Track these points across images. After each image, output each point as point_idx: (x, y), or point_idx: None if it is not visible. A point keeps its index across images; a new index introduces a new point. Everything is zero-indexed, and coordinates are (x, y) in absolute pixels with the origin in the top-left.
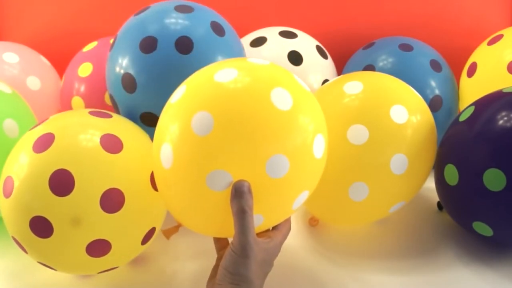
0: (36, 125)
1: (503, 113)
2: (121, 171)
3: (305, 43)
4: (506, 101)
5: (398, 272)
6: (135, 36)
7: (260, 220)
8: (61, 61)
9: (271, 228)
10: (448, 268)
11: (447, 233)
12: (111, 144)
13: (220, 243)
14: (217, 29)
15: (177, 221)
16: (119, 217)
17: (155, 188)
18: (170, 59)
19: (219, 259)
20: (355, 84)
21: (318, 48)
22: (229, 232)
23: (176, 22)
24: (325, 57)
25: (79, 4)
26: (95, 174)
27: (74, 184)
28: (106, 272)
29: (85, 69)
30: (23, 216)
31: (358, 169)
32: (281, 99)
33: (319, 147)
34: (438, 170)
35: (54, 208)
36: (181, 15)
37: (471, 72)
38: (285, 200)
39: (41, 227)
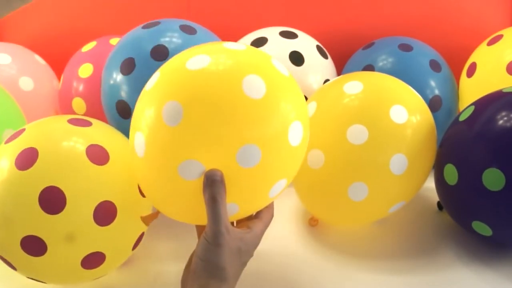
0: (12, 137)
1: (503, 113)
2: (111, 183)
3: (306, 43)
4: (506, 101)
5: (398, 272)
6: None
7: (235, 209)
8: (59, 61)
9: (253, 215)
10: (448, 268)
11: (447, 233)
12: (97, 155)
13: (201, 228)
14: (188, 29)
15: (156, 208)
16: (113, 228)
17: (143, 195)
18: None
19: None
20: (355, 84)
21: (318, 48)
22: (204, 219)
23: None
24: (325, 57)
25: (78, 4)
26: (86, 188)
27: (65, 200)
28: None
29: (85, 70)
30: (13, 236)
31: (358, 169)
32: (253, 86)
33: (295, 135)
34: (438, 169)
35: (47, 227)
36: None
37: (471, 72)
38: (259, 189)
39: (33, 246)
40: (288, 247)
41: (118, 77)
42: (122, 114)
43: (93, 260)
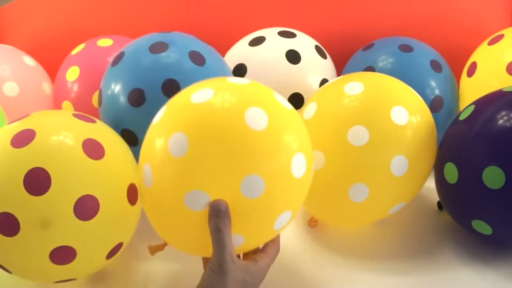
0: (15, 120)
1: (503, 112)
2: (100, 179)
3: (304, 43)
4: (506, 100)
5: (398, 272)
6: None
7: (240, 240)
8: (56, 65)
9: (260, 248)
10: (448, 268)
11: (447, 233)
12: (93, 149)
13: (207, 261)
14: (197, 58)
15: (163, 240)
16: (91, 225)
17: (131, 202)
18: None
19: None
20: (355, 85)
21: (317, 48)
22: (211, 250)
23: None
24: (324, 57)
25: (78, 3)
26: (73, 177)
27: (50, 184)
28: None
29: (72, 73)
30: None
31: (358, 170)
32: (255, 119)
33: (298, 167)
34: (438, 168)
35: (25, 207)
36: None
37: (471, 72)
38: (264, 220)
39: (7, 224)
40: (287, 247)
41: (126, 107)
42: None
43: (62, 255)
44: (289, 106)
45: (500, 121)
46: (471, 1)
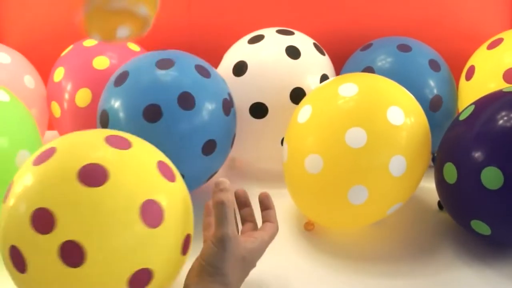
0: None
1: (503, 113)
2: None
3: (302, 40)
4: (506, 101)
5: (396, 275)
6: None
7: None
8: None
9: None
10: (447, 268)
11: (447, 233)
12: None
13: (207, 234)
14: (203, 71)
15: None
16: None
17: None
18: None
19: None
20: (349, 86)
21: (315, 45)
22: None
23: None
24: (322, 53)
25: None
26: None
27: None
28: None
29: (58, 74)
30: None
31: (357, 173)
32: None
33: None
34: (438, 168)
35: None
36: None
37: (469, 75)
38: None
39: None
40: (283, 252)
41: (142, 124)
42: None
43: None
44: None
45: (500, 122)
46: (470, 4)
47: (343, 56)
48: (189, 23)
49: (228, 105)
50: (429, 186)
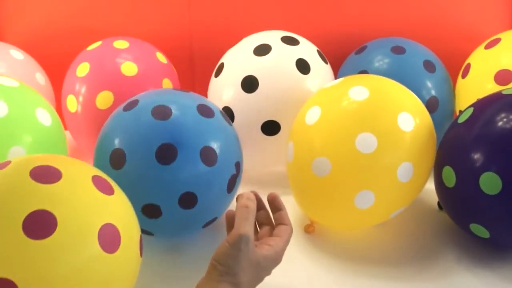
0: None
1: (502, 115)
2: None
3: (307, 49)
4: (505, 103)
5: (397, 276)
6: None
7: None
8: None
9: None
10: (448, 271)
11: (447, 235)
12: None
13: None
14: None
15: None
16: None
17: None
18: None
19: None
20: (360, 90)
21: (319, 53)
22: None
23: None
24: (325, 61)
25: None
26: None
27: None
28: None
29: (82, 69)
30: None
31: (366, 178)
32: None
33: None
34: (437, 171)
35: None
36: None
37: (465, 73)
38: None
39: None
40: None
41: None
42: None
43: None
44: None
45: (498, 125)
46: (469, 5)
47: (339, 58)
48: (189, 23)
49: (233, 182)
50: (429, 188)
